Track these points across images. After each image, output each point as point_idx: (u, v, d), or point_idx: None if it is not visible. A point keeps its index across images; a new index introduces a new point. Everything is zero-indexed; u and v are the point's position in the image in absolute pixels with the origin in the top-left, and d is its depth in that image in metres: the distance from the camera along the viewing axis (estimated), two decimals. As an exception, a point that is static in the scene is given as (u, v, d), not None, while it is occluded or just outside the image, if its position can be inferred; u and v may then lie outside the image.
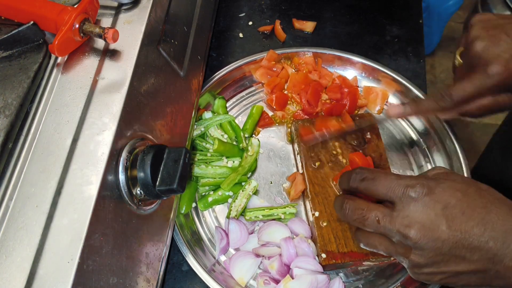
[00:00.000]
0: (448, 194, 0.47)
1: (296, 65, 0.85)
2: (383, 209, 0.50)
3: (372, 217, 0.50)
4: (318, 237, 0.66)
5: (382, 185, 0.50)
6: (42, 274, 0.40)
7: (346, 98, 0.81)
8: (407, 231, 0.47)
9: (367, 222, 0.50)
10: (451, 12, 1.89)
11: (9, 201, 0.43)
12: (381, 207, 0.50)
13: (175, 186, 0.48)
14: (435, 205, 0.47)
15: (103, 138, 0.46)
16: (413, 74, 0.88)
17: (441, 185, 0.48)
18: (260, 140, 0.78)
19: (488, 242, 0.45)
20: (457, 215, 0.46)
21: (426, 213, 0.47)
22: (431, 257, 0.47)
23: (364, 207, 0.51)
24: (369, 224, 0.50)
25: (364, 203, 0.51)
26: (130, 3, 0.57)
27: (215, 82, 0.81)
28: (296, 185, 0.72)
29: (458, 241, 0.46)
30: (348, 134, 0.75)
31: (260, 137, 0.80)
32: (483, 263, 0.46)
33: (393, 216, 0.48)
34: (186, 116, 0.65)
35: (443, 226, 0.46)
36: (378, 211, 0.50)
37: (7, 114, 0.46)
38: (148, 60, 0.55)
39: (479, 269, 0.46)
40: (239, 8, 0.98)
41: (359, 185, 0.52)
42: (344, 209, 0.53)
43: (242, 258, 0.66)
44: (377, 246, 0.52)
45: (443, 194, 0.47)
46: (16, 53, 0.52)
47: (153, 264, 0.54)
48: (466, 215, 0.46)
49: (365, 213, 0.50)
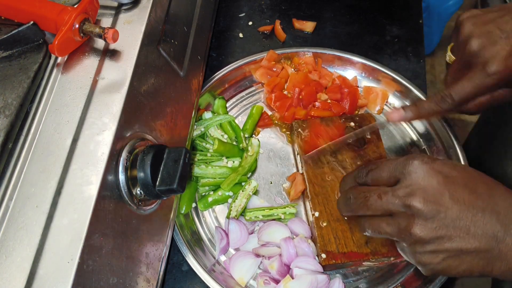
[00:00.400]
0: (448, 167, 0.47)
1: (296, 65, 0.85)
2: (384, 187, 0.50)
3: (374, 196, 0.50)
4: (318, 237, 0.66)
5: (386, 167, 0.50)
6: (42, 274, 0.40)
7: (346, 98, 0.81)
8: (410, 199, 0.46)
9: (370, 202, 0.50)
10: (451, 12, 1.89)
11: (9, 201, 0.43)
12: (382, 187, 0.50)
13: (175, 186, 0.48)
14: (437, 174, 0.47)
15: (103, 138, 0.46)
16: (413, 74, 0.88)
17: (440, 160, 0.49)
18: (260, 140, 0.78)
19: (492, 216, 0.44)
20: (460, 186, 0.46)
21: (428, 181, 0.46)
22: (434, 228, 0.45)
23: (365, 190, 0.52)
24: (371, 204, 0.50)
25: (365, 188, 0.52)
26: (130, 3, 0.57)
27: (215, 82, 0.81)
28: (296, 185, 0.72)
29: (461, 211, 0.45)
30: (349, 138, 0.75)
31: (260, 137, 0.80)
32: (486, 240, 0.45)
33: (395, 189, 0.48)
34: (186, 116, 0.65)
35: (446, 195, 0.45)
36: (379, 189, 0.50)
37: (7, 114, 0.46)
38: (148, 60, 0.55)
39: (482, 248, 0.45)
40: (239, 8, 0.98)
41: (366, 178, 0.53)
42: (348, 199, 0.53)
43: (242, 258, 0.66)
44: (380, 227, 0.51)
45: (443, 166, 0.47)
46: (16, 53, 0.52)
47: (153, 264, 0.54)
48: (469, 188, 0.46)
49: (366, 194, 0.51)
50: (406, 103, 0.83)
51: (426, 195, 0.46)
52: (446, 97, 0.58)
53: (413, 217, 0.47)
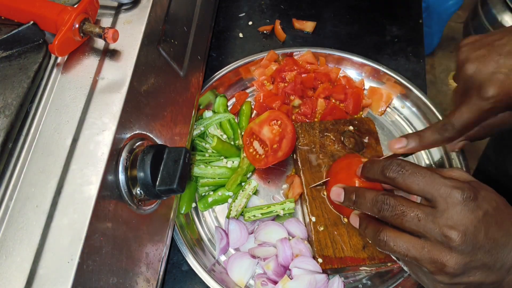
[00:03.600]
0: (487, 202, 0.47)
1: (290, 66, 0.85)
2: (425, 208, 0.48)
3: (413, 215, 0.48)
4: (315, 242, 0.66)
5: (425, 181, 0.48)
6: (42, 274, 0.40)
7: (350, 98, 0.80)
8: (451, 232, 0.46)
9: (406, 218, 0.48)
10: (451, 12, 1.89)
11: (9, 201, 0.43)
12: (422, 206, 0.48)
13: (175, 186, 0.48)
14: (478, 211, 0.46)
15: (103, 138, 0.46)
16: (413, 74, 0.88)
17: (482, 192, 0.47)
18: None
19: (510, 252, 0.46)
20: (492, 223, 0.46)
21: (470, 218, 0.46)
22: (466, 263, 0.46)
23: (405, 204, 0.48)
24: (407, 221, 0.48)
25: (404, 200, 0.49)
26: (130, 3, 0.57)
27: (215, 82, 0.81)
28: (293, 188, 0.72)
29: (490, 249, 0.46)
30: (346, 137, 0.74)
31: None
32: (501, 273, 0.46)
33: (437, 216, 0.46)
34: (186, 116, 0.65)
35: (482, 233, 0.46)
36: (419, 209, 0.48)
37: (7, 114, 0.46)
38: (148, 60, 0.55)
39: (498, 280, 0.46)
40: (239, 8, 0.98)
41: (397, 176, 0.50)
42: (382, 203, 0.50)
43: (240, 260, 0.66)
44: (406, 246, 0.48)
45: (483, 202, 0.47)
46: (16, 53, 0.52)
47: (153, 264, 0.54)
48: (498, 225, 0.46)
49: (405, 210, 0.48)
50: (407, 103, 0.83)
51: (466, 231, 0.46)
52: (447, 125, 0.56)
53: (449, 250, 0.46)
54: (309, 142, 0.74)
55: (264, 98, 0.81)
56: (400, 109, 0.83)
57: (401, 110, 0.83)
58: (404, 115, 0.83)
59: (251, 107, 0.81)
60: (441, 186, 0.47)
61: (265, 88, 0.83)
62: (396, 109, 0.84)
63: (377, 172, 0.52)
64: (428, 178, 0.48)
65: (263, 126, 0.73)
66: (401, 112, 0.83)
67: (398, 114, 0.83)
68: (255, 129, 0.74)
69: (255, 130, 0.74)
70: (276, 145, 0.72)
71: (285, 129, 0.72)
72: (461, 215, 0.46)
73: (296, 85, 0.80)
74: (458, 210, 0.46)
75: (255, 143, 0.74)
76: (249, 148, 0.74)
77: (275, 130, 0.73)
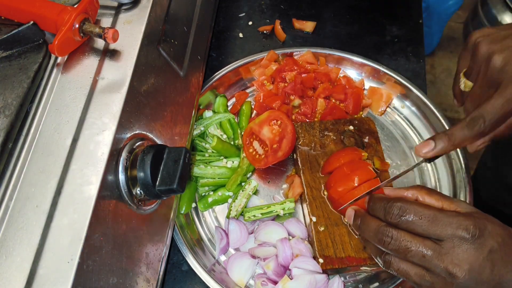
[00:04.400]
0: (492, 238, 0.47)
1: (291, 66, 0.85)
2: (430, 245, 0.48)
3: (418, 251, 0.48)
4: (315, 242, 0.66)
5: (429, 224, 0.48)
6: (42, 274, 0.40)
7: (350, 98, 0.80)
8: (456, 269, 0.46)
9: (411, 254, 0.48)
10: (451, 12, 1.89)
11: (9, 201, 0.43)
12: (427, 242, 0.48)
13: (175, 186, 0.48)
14: (484, 248, 0.47)
15: (103, 138, 0.46)
16: (413, 74, 0.88)
17: (487, 228, 0.48)
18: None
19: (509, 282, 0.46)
20: (498, 260, 0.47)
21: (475, 255, 0.46)
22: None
23: (410, 239, 0.48)
24: (412, 257, 0.48)
25: (409, 236, 0.49)
26: (130, 3, 0.57)
27: (215, 82, 0.81)
28: (293, 188, 0.72)
29: (495, 285, 0.46)
30: (346, 137, 0.74)
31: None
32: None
33: (442, 253, 0.47)
34: (186, 116, 0.65)
35: (487, 270, 0.46)
36: (424, 246, 0.48)
37: (7, 114, 0.46)
38: (148, 60, 0.55)
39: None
40: (239, 8, 0.98)
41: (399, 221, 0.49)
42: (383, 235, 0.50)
43: (240, 260, 0.66)
44: (409, 274, 0.49)
45: (489, 238, 0.47)
46: (16, 53, 0.52)
47: (153, 264, 0.54)
48: (504, 261, 0.47)
49: (410, 246, 0.48)
50: (407, 103, 0.83)
51: (471, 269, 0.46)
52: (477, 119, 0.53)
53: (452, 285, 0.47)
54: (309, 142, 0.74)
55: (264, 98, 0.81)
56: (400, 109, 0.83)
57: (401, 110, 0.83)
58: (404, 115, 0.83)
59: (251, 107, 0.81)
60: (446, 227, 0.47)
61: (265, 88, 0.83)
62: (396, 109, 0.84)
63: (381, 215, 0.52)
64: (432, 220, 0.48)
65: (263, 126, 0.73)
66: (401, 112, 0.83)
67: (398, 114, 0.83)
68: (255, 129, 0.74)
69: (255, 130, 0.74)
70: (276, 145, 0.72)
71: (285, 129, 0.72)
72: (466, 254, 0.46)
73: (296, 85, 0.80)
74: (464, 248, 0.47)
75: (255, 143, 0.74)
76: (249, 148, 0.74)
77: (275, 130, 0.73)
